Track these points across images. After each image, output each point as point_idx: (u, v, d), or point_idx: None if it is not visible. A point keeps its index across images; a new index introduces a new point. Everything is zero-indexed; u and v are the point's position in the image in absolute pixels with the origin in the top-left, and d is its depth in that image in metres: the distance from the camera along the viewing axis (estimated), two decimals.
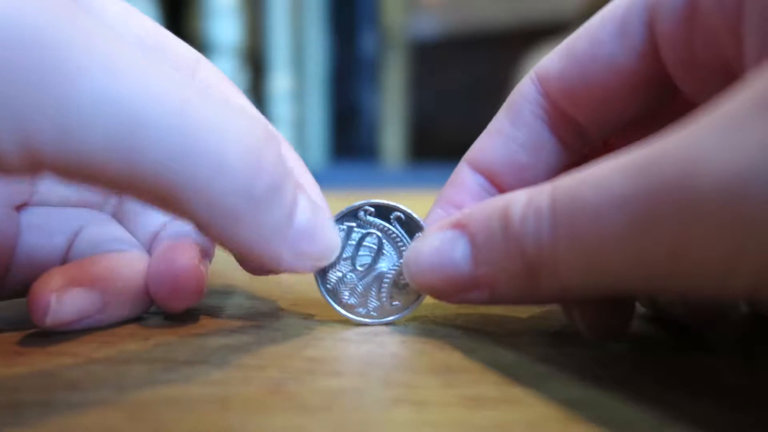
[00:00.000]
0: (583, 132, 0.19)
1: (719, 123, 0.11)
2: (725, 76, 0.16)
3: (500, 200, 0.15)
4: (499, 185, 0.20)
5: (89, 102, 0.11)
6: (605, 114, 0.19)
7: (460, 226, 0.16)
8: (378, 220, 0.19)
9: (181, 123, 0.12)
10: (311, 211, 0.16)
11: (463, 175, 0.20)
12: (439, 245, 0.17)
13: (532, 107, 0.19)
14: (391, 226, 0.19)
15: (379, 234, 0.19)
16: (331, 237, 0.18)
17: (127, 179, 0.12)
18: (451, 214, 0.20)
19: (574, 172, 0.14)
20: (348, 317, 0.19)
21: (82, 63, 0.11)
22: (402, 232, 0.19)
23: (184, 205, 0.13)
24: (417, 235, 0.19)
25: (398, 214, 0.19)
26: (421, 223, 0.19)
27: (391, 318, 0.19)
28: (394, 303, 0.19)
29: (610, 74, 0.17)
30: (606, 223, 0.12)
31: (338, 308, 0.19)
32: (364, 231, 0.19)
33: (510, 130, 0.19)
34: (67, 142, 0.11)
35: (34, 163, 0.12)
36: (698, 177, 0.10)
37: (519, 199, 0.15)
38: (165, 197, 0.13)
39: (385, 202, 0.19)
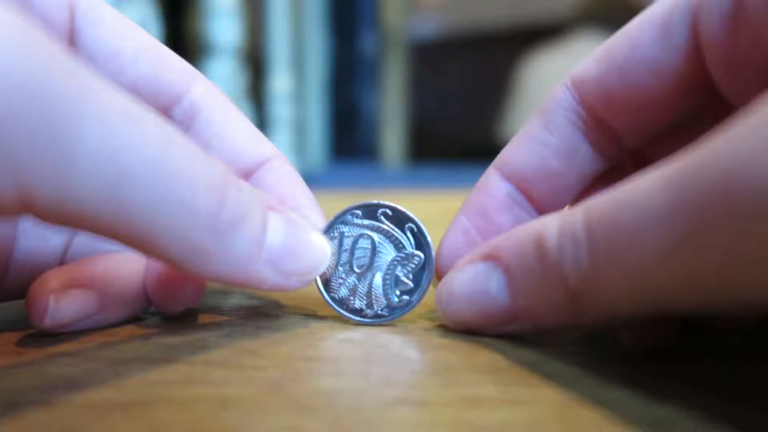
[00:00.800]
0: (618, 139, 0.19)
1: (760, 122, 0.10)
2: None
3: (531, 228, 0.15)
4: (528, 193, 0.19)
5: (86, 157, 0.12)
6: (643, 120, 0.18)
7: (492, 258, 0.16)
8: (367, 221, 0.19)
9: (160, 173, 0.13)
10: (286, 231, 0.16)
11: (491, 181, 0.19)
12: (472, 279, 0.16)
13: (567, 113, 0.18)
14: (380, 224, 0.19)
15: (371, 233, 0.19)
16: (314, 251, 0.17)
17: (113, 224, 0.13)
18: (477, 223, 0.19)
19: (606, 190, 0.13)
20: (359, 321, 0.19)
21: (82, 118, 0.12)
22: (392, 225, 0.19)
23: (157, 247, 0.14)
24: (407, 226, 0.19)
25: (384, 210, 0.19)
26: (409, 214, 0.19)
27: (398, 314, 0.19)
28: (402, 297, 0.19)
29: (650, 78, 0.17)
30: (647, 242, 0.12)
31: (348, 315, 0.19)
32: (355, 234, 0.19)
33: (542, 135, 0.19)
34: (62, 191, 0.12)
35: (23, 209, 0.12)
36: (743, 181, 0.10)
37: (552, 226, 0.14)
38: (140, 240, 0.13)
39: (369, 201, 0.19)
